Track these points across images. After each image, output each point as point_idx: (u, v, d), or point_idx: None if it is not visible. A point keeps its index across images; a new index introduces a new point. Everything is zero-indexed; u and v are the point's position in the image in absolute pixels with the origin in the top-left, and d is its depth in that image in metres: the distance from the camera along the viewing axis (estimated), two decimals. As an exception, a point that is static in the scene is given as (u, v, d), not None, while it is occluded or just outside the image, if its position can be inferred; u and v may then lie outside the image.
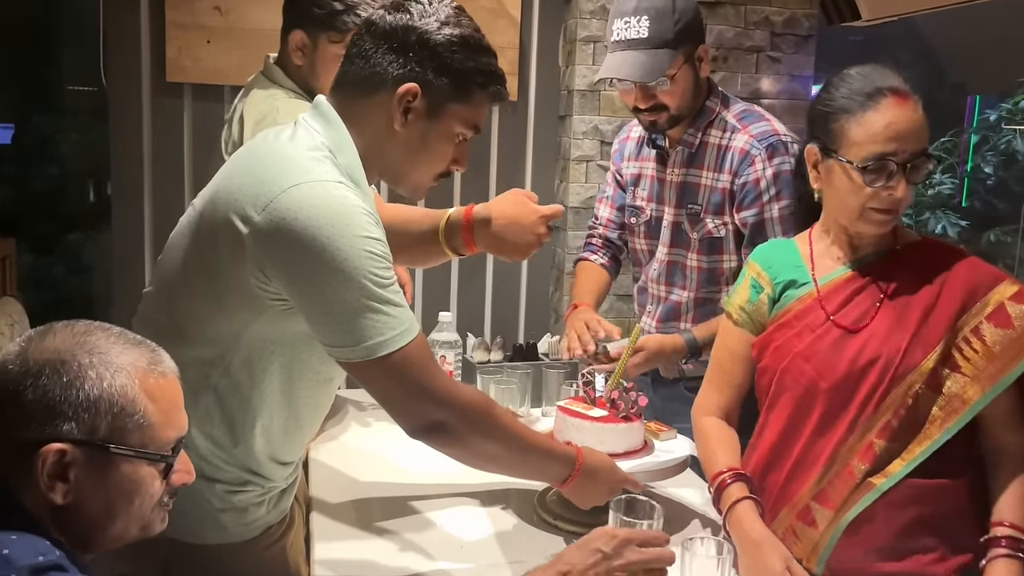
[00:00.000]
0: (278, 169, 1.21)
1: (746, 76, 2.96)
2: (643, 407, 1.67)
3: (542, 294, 3.11)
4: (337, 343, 1.21)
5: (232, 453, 1.32)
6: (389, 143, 1.30)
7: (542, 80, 2.99)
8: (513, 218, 1.57)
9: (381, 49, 1.26)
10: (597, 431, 1.62)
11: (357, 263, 1.18)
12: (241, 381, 1.29)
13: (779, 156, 1.87)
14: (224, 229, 1.22)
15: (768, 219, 1.89)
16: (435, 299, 2.99)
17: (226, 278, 1.24)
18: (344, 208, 1.19)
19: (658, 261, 2.10)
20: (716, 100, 1.98)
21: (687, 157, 2.01)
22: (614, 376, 1.71)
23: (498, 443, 1.35)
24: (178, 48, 2.71)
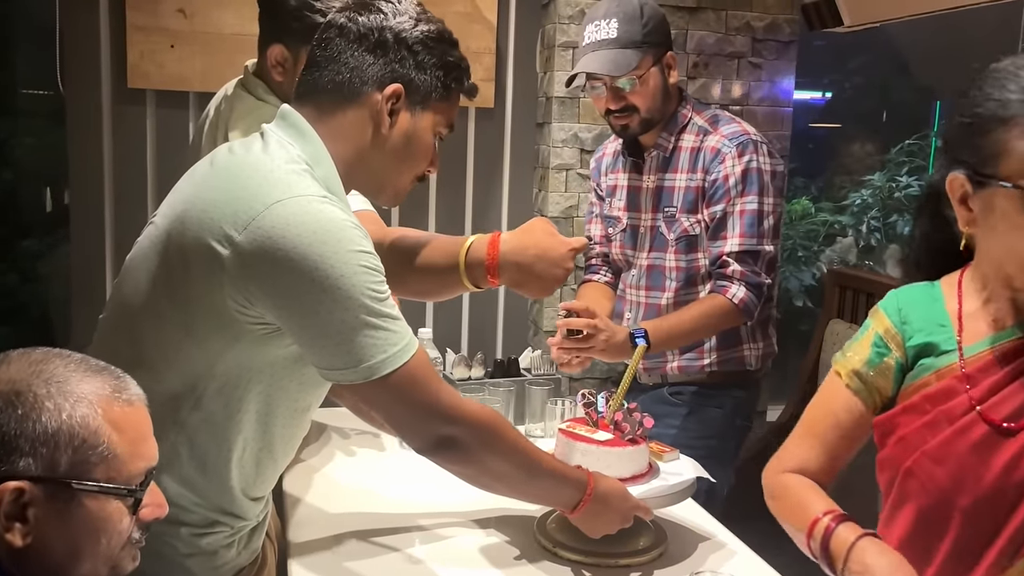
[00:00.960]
0: (257, 185, 1.14)
1: (727, 82, 2.93)
2: (648, 429, 1.61)
3: (520, 307, 3.03)
4: (337, 365, 1.14)
5: (203, 492, 1.23)
6: (374, 149, 1.24)
7: (519, 86, 2.92)
8: (544, 250, 1.46)
9: (358, 51, 1.21)
10: (604, 455, 1.56)
11: (353, 279, 1.11)
12: (215, 412, 1.20)
13: (748, 154, 1.93)
14: (197, 250, 1.14)
15: (731, 212, 1.95)
16: (410, 313, 2.89)
17: (199, 303, 1.15)
18: (333, 223, 1.13)
19: (637, 267, 2.11)
20: (688, 107, 2.05)
21: (661, 162, 2.05)
22: (617, 397, 1.65)
23: (508, 461, 1.29)
24: (140, 53, 2.58)
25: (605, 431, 1.62)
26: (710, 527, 1.66)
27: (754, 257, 1.95)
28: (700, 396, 2.10)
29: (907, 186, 5.18)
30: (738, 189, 1.94)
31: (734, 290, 1.95)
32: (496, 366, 2.35)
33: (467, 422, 1.22)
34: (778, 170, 1.99)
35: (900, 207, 5.18)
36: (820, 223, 5.29)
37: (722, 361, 2.08)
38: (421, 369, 1.18)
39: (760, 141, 1.97)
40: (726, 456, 2.09)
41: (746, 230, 1.95)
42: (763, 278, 1.96)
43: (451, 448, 1.22)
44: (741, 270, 1.95)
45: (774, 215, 1.98)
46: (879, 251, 5.28)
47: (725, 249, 1.96)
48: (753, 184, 1.94)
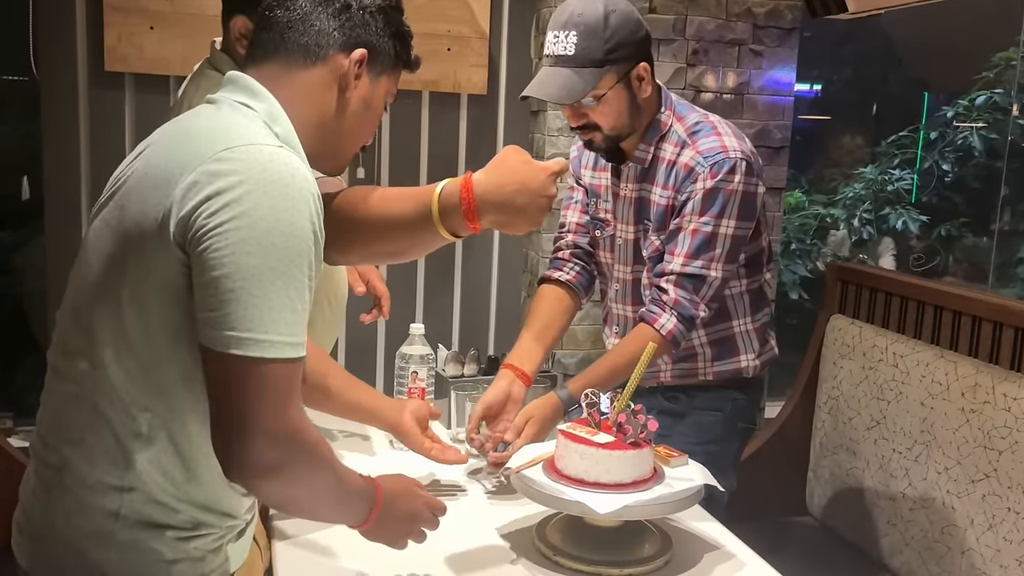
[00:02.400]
0: (207, 138, 1.10)
1: (727, 70, 2.85)
2: (653, 432, 1.54)
3: (513, 301, 2.95)
4: (226, 324, 1.04)
5: (185, 487, 1.16)
6: (334, 115, 1.22)
7: (513, 72, 2.83)
8: (523, 182, 1.30)
9: (323, 14, 1.19)
10: (603, 458, 1.50)
11: (301, 245, 1.07)
12: (181, 397, 1.14)
13: (722, 174, 1.79)
14: (146, 217, 1.09)
15: (684, 229, 1.83)
16: (399, 306, 2.80)
17: (151, 277, 1.10)
18: (294, 177, 1.08)
19: (619, 281, 2.02)
20: (668, 113, 1.89)
21: (640, 172, 1.92)
22: (622, 397, 1.58)
23: (327, 486, 1.19)
24: (118, 35, 2.48)
25: (607, 433, 1.55)
26: (717, 534, 1.59)
27: (695, 283, 1.83)
28: (697, 400, 2.01)
29: (899, 179, 5.14)
30: (697, 208, 1.81)
31: (663, 320, 1.83)
32: (490, 363, 2.27)
33: (307, 443, 1.12)
34: (753, 191, 1.84)
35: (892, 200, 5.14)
36: (812, 216, 5.25)
37: (718, 372, 2.00)
38: (297, 371, 1.10)
39: (740, 159, 1.80)
40: (727, 462, 2.00)
41: (692, 251, 1.82)
42: (699, 310, 1.84)
43: (281, 468, 1.09)
44: (676, 298, 1.83)
45: (732, 239, 1.83)
46: (872, 244, 5.24)
47: (668, 268, 1.84)
48: (714, 205, 1.80)
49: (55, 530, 1.16)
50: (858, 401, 2.49)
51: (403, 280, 2.82)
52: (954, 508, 2.15)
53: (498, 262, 2.92)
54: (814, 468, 2.68)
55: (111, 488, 1.14)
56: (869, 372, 2.46)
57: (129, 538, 1.14)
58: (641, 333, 1.85)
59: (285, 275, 1.06)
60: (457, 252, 2.86)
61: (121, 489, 1.14)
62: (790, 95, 2.92)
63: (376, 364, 2.82)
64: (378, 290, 2.18)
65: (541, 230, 2.79)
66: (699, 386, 2.01)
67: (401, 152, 2.77)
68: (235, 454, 1.07)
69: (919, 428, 2.27)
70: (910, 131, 5.29)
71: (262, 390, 1.06)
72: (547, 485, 1.52)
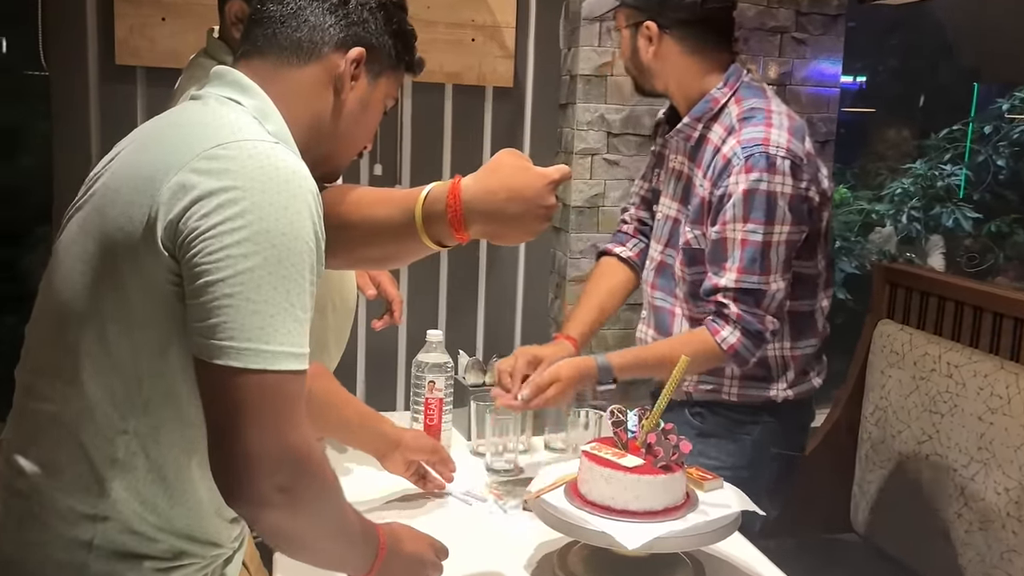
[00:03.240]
0: (194, 134, 1.03)
1: (768, 60, 2.69)
2: (686, 454, 1.41)
3: (540, 304, 2.82)
4: (220, 334, 0.95)
5: (166, 514, 1.07)
6: (329, 118, 1.15)
7: (541, 64, 2.70)
8: (516, 190, 1.18)
9: (319, 9, 1.12)
10: (632, 484, 1.37)
11: (299, 246, 0.99)
12: (167, 418, 1.05)
13: (757, 171, 1.63)
14: (128, 220, 1.01)
15: (730, 239, 1.67)
16: (421, 312, 2.69)
17: (135, 284, 1.01)
18: (293, 174, 1.00)
19: (651, 259, 1.89)
20: (726, 91, 1.73)
21: (687, 148, 1.79)
22: (652, 415, 1.45)
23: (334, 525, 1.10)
24: (129, 27, 2.39)
25: (635, 455, 1.43)
26: (754, 561, 1.47)
27: (756, 297, 1.68)
28: (723, 420, 1.84)
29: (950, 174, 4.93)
30: (737, 212, 1.66)
31: (725, 334, 1.69)
32: (513, 370, 2.16)
33: (314, 467, 1.01)
34: (802, 194, 1.68)
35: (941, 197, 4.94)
36: (857, 212, 5.07)
37: (743, 394, 1.83)
38: (301, 385, 1.00)
39: (782, 156, 1.64)
40: (760, 489, 1.84)
41: (746, 265, 1.66)
42: (765, 324, 1.69)
43: (286, 494, 0.98)
44: (738, 312, 1.68)
45: (787, 245, 1.68)
46: (920, 242, 5.04)
47: (720, 282, 1.69)
48: (759, 209, 1.64)
49: (25, 561, 1.07)
50: (908, 413, 2.33)
51: (424, 282, 2.71)
52: (1015, 532, 1.99)
53: (524, 264, 2.79)
54: (859, 482, 2.53)
55: (83, 517, 1.05)
56: (920, 382, 2.30)
57: (103, 570, 1.05)
58: (701, 337, 1.71)
59: (286, 279, 0.97)
60: (481, 252, 2.74)
61: (94, 519, 1.05)
62: (836, 86, 2.76)
63: (396, 373, 2.70)
64: (389, 294, 2.06)
65: (570, 230, 2.66)
66: (724, 404, 1.84)
67: (423, 148, 2.65)
68: (236, 479, 0.97)
69: (976, 444, 2.11)
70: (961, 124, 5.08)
71: (264, 406, 0.96)
72: (569, 513, 1.40)
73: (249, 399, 0.96)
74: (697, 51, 1.73)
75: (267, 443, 0.96)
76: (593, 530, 1.34)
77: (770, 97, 1.75)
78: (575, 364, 1.76)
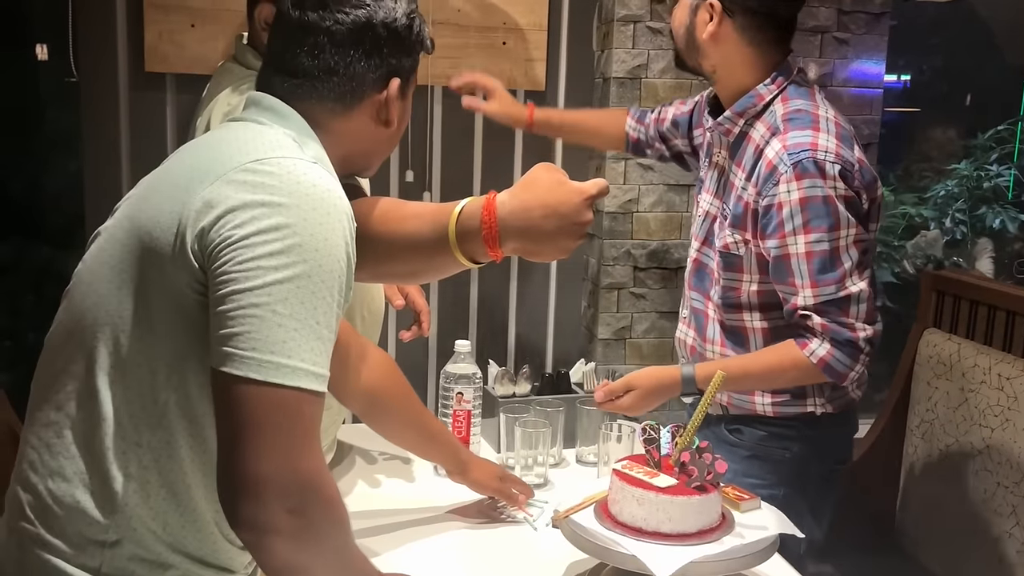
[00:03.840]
0: (229, 150, 1.03)
1: (808, 60, 2.61)
2: (722, 474, 1.35)
3: (573, 312, 2.76)
4: (241, 345, 0.94)
5: (179, 535, 1.05)
6: (372, 140, 1.19)
7: (573, 66, 2.65)
8: (553, 207, 1.16)
9: (354, 57, 1.12)
10: (664, 505, 1.32)
11: (332, 266, 0.98)
12: (177, 432, 1.04)
13: (808, 178, 1.55)
14: (158, 231, 1.01)
15: (793, 254, 1.59)
16: (450, 320, 2.65)
17: (159, 294, 1.02)
18: (328, 192, 1.01)
19: (689, 257, 1.84)
20: (773, 88, 1.66)
21: (727, 143, 1.73)
22: (686, 433, 1.40)
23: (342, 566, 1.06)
24: (158, 33, 2.38)
25: (668, 475, 1.37)
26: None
27: (839, 306, 1.59)
28: (761, 436, 1.76)
29: (997, 175, 4.79)
30: (795, 223, 1.58)
31: (814, 347, 1.62)
32: (544, 381, 2.12)
33: (325, 497, 0.98)
34: (855, 199, 1.60)
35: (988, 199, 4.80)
36: (900, 215, 4.94)
37: (779, 410, 1.75)
38: (318, 410, 0.97)
39: (831, 161, 1.57)
40: (800, 509, 1.74)
41: (817, 277, 1.58)
42: (857, 332, 1.60)
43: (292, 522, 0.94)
44: (824, 323, 1.60)
45: (856, 247, 1.60)
46: (966, 246, 4.90)
47: (798, 303, 1.61)
48: (820, 217, 1.57)
49: None
50: (956, 427, 2.24)
51: (455, 291, 2.67)
52: (1071, 555, 1.89)
53: (556, 271, 2.74)
54: (904, 497, 2.44)
55: (92, 543, 1.03)
56: (969, 395, 2.20)
57: None
58: (790, 351, 1.64)
59: (314, 296, 0.95)
60: (513, 259, 2.69)
61: (103, 544, 1.03)
62: (879, 87, 2.67)
63: (427, 384, 2.66)
64: (417, 304, 2.02)
65: (603, 236, 2.60)
66: (761, 419, 1.76)
67: (453, 154, 2.61)
68: (242, 500, 0.93)
69: (1029, 461, 2.01)
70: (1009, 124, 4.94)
71: (277, 424, 0.93)
72: (599, 534, 1.34)
73: (263, 414, 0.93)
74: (755, 43, 1.66)
75: (277, 464, 0.93)
76: (623, 553, 1.29)
77: (818, 101, 1.68)
78: (654, 374, 1.73)
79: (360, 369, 1.49)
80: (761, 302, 1.71)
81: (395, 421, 1.59)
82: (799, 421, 1.75)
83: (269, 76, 1.14)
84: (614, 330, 2.60)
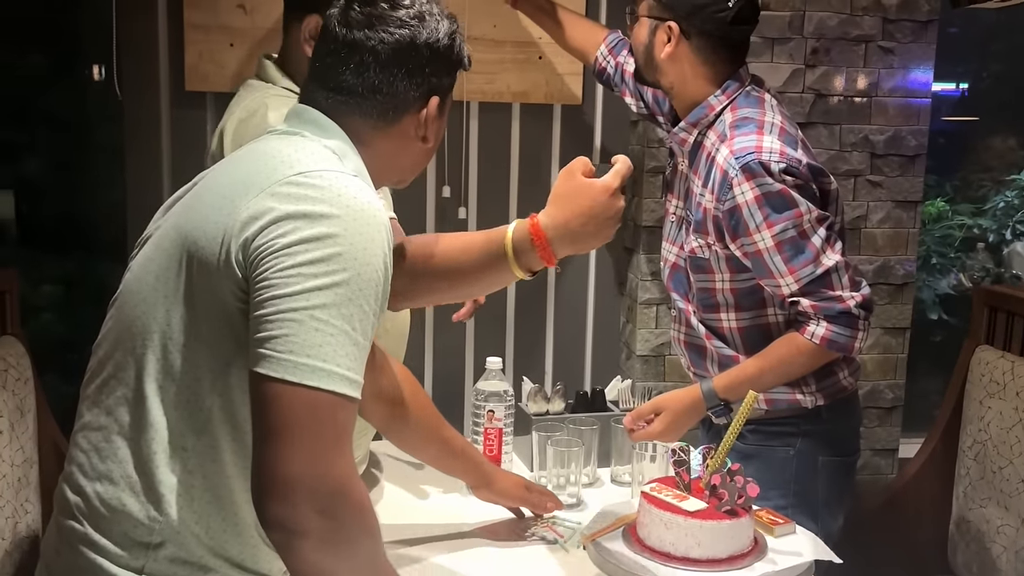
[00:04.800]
0: (273, 163, 1.08)
1: (852, 70, 2.54)
2: (753, 498, 1.31)
3: (612, 328, 2.72)
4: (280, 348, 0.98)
5: (221, 538, 1.08)
6: (409, 155, 1.24)
7: (611, 80, 2.60)
8: (588, 213, 1.28)
9: (397, 76, 1.16)
10: (693, 530, 1.28)
11: (370, 275, 1.02)
12: (220, 437, 1.07)
13: (757, 177, 1.62)
14: (204, 240, 1.06)
15: (764, 249, 1.66)
16: (487, 336, 2.63)
17: (204, 301, 1.06)
18: (370, 208, 1.05)
19: (664, 260, 1.92)
20: (723, 99, 1.74)
21: (685, 152, 1.81)
22: (717, 455, 1.36)
23: None
24: (198, 53, 2.41)
25: (698, 498, 1.34)
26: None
27: (821, 283, 1.65)
28: (763, 435, 1.79)
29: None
30: (757, 220, 1.65)
31: (812, 328, 1.67)
32: (579, 399, 2.09)
33: (355, 506, 1.00)
34: (804, 183, 1.67)
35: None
36: (956, 227, 4.82)
37: (771, 400, 1.78)
38: (351, 416, 1.01)
39: (776, 160, 1.64)
40: (814, 505, 1.75)
41: (792, 263, 1.65)
42: (847, 302, 1.66)
43: (320, 528, 0.96)
44: (813, 304, 1.66)
45: (820, 224, 1.66)
46: (1020, 258, 4.75)
47: (784, 292, 1.68)
48: (777, 209, 1.64)
49: None
50: (1010, 448, 2.15)
51: (491, 307, 2.64)
52: None
53: (594, 287, 2.70)
54: (957, 521, 2.35)
55: (137, 544, 1.06)
56: None
57: None
58: (793, 340, 1.70)
59: (352, 303, 0.99)
60: (549, 276, 2.66)
61: (147, 546, 1.06)
62: (927, 96, 2.58)
63: (464, 400, 2.64)
64: None
65: (640, 251, 2.56)
66: (758, 420, 1.77)
67: (490, 168, 2.60)
68: (271, 500, 0.96)
69: (1088, 486, 1.92)
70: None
71: (310, 426, 0.96)
72: (626, 559, 1.32)
73: (296, 416, 0.96)
74: (709, 62, 1.75)
75: (307, 465, 0.95)
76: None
77: (766, 108, 1.74)
78: (679, 395, 1.79)
79: (379, 379, 1.49)
80: (737, 300, 1.77)
81: (414, 433, 1.60)
82: (797, 417, 1.77)
83: (313, 90, 1.19)
84: (652, 346, 2.56)
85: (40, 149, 3.16)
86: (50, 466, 2.14)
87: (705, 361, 1.87)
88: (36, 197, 3.09)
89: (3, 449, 1.94)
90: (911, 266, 2.65)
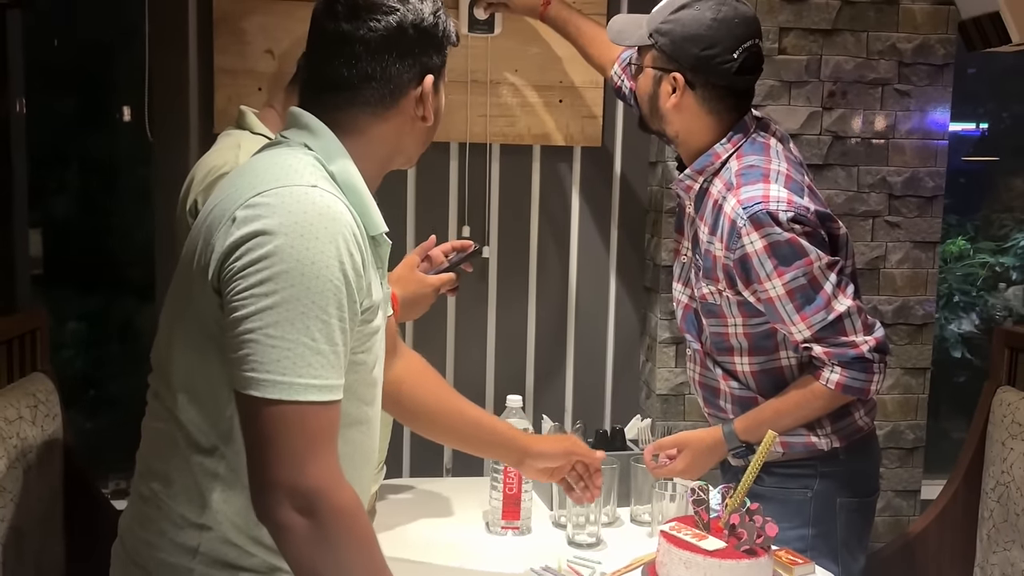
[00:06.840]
0: (249, 182, 1.14)
1: (869, 113, 2.57)
2: (772, 537, 1.31)
3: (632, 367, 2.74)
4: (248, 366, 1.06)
5: (256, 531, 1.17)
6: (412, 136, 1.28)
7: (630, 122, 2.65)
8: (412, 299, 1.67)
9: (389, 60, 1.20)
10: (713, 569, 1.29)
11: (326, 284, 1.07)
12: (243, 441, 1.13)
13: (766, 227, 1.62)
14: (195, 261, 1.14)
15: (775, 297, 1.66)
16: (508, 377, 2.65)
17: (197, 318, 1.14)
18: (321, 219, 1.09)
19: (676, 302, 1.93)
20: (729, 147, 1.75)
21: (691, 198, 1.82)
22: (736, 494, 1.37)
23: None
24: (227, 97, 2.47)
25: (718, 537, 1.34)
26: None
27: (834, 330, 1.66)
28: (779, 477, 1.78)
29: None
30: (767, 269, 1.66)
31: (827, 374, 1.69)
32: (598, 437, 2.10)
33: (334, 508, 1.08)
34: (813, 230, 1.68)
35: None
36: (979, 265, 4.81)
37: (786, 443, 1.77)
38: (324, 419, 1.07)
39: (784, 210, 1.65)
40: (833, 546, 1.75)
41: (804, 310, 1.66)
42: (860, 347, 1.66)
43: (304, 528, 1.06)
44: (826, 350, 1.67)
45: (831, 270, 1.67)
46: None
47: (798, 338, 1.70)
48: (787, 257, 1.65)
49: (142, 559, 1.19)
50: (1034, 491, 2.13)
51: (511, 345, 2.67)
52: None
53: (614, 326, 2.72)
54: (981, 564, 2.32)
55: (192, 525, 1.16)
56: (1046, 457, 2.10)
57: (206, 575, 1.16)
58: (808, 383, 1.72)
59: (304, 316, 1.05)
60: (570, 313, 2.68)
61: (200, 527, 1.16)
62: (943, 138, 2.61)
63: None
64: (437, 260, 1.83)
65: (660, 290, 2.58)
66: (775, 463, 1.77)
67: (510, 209, 2.64)
68: (260, 499, 1.07)
69: (1113, 530, 1.90)
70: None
71: (281, 434, 1.04)
72: (644, 598, 1.32)
73: (269, 427, 1.05)
74: (715, 112, 1.76)
75: (284, 470, 1.04)
76: (668, 619, 1.26)
77: (771, 155, 1.74)
78: (701, 435, 1.81)
79: (390, 364, 1.48)
80: (751, 345, 1.77)
81: (434, 413, 1.60)
82: (814, 459, 1.77)
83: (309, 93, 1.24)
84: (672, 385, 2.57)
85: (71, 189, 3.23)
86: (75, 500, 2.17)
87: (719, 400, 1.89)
88: (64, 236, 3.15)
89: (31, 483, 1.97)
90: (930, 306, 2.66)
